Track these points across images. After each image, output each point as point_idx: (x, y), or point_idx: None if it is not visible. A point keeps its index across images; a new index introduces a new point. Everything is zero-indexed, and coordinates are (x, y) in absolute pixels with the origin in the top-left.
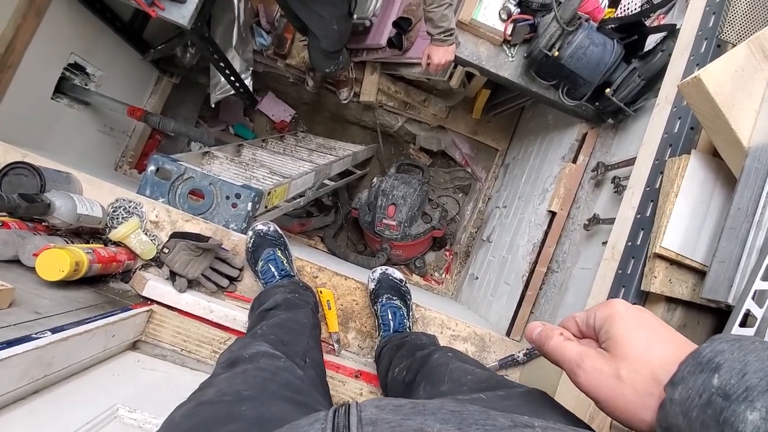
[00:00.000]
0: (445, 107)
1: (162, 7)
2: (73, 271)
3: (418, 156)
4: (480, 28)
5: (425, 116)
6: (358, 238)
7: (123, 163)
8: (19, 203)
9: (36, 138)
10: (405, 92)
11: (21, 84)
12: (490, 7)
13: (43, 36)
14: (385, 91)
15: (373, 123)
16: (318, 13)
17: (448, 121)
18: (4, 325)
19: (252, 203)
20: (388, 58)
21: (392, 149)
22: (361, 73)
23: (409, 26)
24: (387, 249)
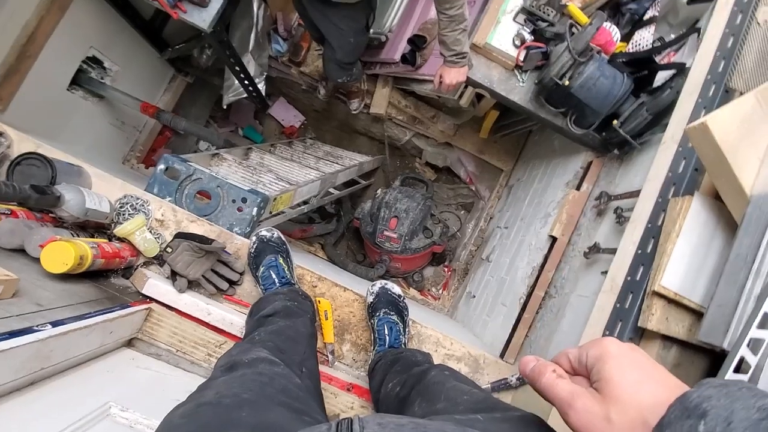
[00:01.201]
0: (453, 125)
1: (184, 10)
2: (76, 264)
3: (424, 170)
4: (493, 52)
5: (433, 132)
6: (358, 247)
7: (131, 158)
8: (30, 194)
9: (48, 127)
10: (415, 107)
11: (39, 73)
12: (504, 33)
13: (64, 28)
14: (395, 104)
15: (382, 135)
16: (337, 25)
17: (455, 139)
18: (7, 316)
19: (258, 208)
20: (400, 73)
21: (398, 162)
22: (373, 86)
23: (423, 44)
24: (386, 261)
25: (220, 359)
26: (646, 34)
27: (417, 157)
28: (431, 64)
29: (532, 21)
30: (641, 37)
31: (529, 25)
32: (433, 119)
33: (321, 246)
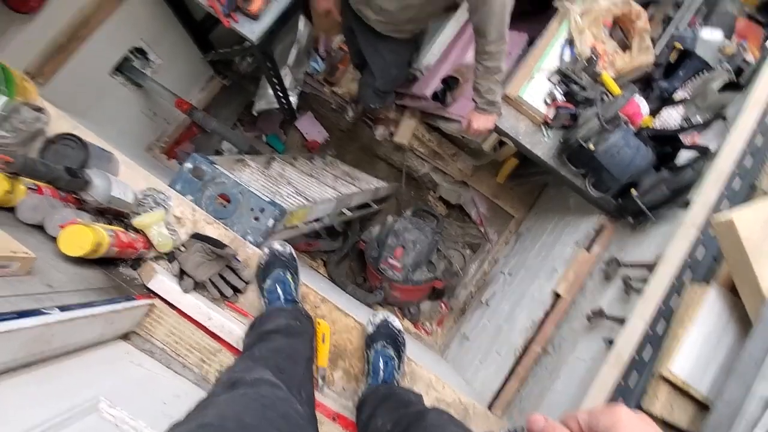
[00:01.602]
0: (472, 165)
1: (236, 20)
2: (92, 250)
3: (436, 204)
4: (523, 105)
5: (451, 169)
6: (359, 269)
7: (155, 147)
8: (62, 176)
9: (84, 106)
10: (437, 143)
11: (85, 55)
12: (536, 89)
13: (119, 17)
14: (419, 137)
15: (401, 163)
16: (382, 56)
17: (472, 179)
18: (18, 294)
19: (274, 220)
20: (429, 108)
21: (412, 192)
22: (400, 115)
23: (455, 85)
24: (386, 288)
25: (223, 375)
26: (674, 113)
27: (431, 191)
28: (460, 105)
29: (566, 82)
30: (669, 115)
31: (562, 86)
32: (454, 157)
33: (324, 262)
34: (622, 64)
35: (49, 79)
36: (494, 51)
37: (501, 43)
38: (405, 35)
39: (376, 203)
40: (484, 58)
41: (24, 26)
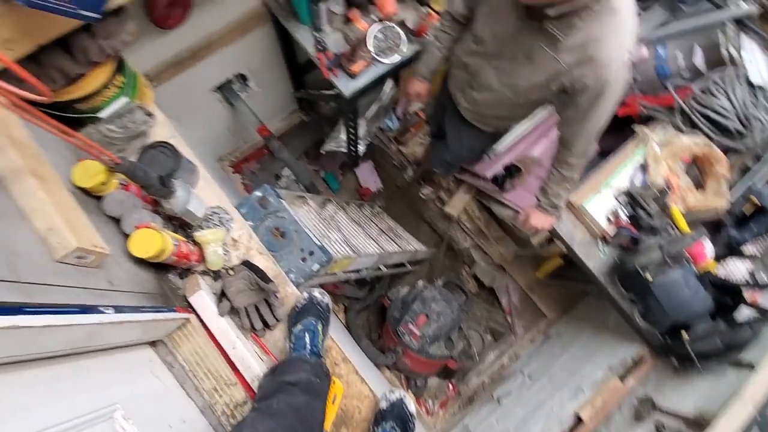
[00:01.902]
0: (514, 252)
1: (336, 74)
2: (156, 255)
3: (468, 280)
4: (585, 216)
5: (492, 251)
6: (377, 325)
7: (226, 159)
8: (154, 183)
9: (181, 110)
10: (485, 222)
11: (198, 71)
12: (601, 204)
13: (236, 46)
14: (469, 212)
15: (444, 232)
16: (461, 139)
17: (510, 266)
18: (84, 286)
19: (319, 265)
20: (486, 189)
21: (448, 262)
22: (456, 187)
23: (517, 174)
24: (399, 353)
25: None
26: (741, 266)
27: (467, 266)
28: (517, 194)
29: (632, 205)
30: (735, 266)
31: (628, 207)
32: (498, 240)
33: (345, 308)
34: (694, 203)
35: (161, 84)
36: (574, 164)
37: (583, 158)
38: (489, 129)
39: (410, 264)
40: (562, 167)
41: (159, 38)
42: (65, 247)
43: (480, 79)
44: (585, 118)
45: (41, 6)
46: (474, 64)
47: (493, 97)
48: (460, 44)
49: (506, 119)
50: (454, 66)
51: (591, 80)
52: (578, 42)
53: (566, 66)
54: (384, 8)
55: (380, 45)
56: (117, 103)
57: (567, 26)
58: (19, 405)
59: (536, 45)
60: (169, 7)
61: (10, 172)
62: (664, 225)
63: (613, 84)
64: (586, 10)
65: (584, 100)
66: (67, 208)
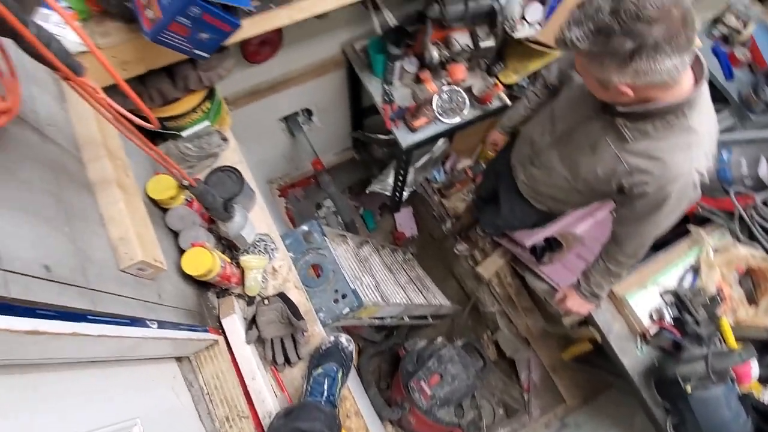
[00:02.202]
0: (542, 328)
1: (397, 126)
2: (203, 274)
3: (488, 346)
4: (626, 309)
5: (519, 321)
6: (388, 373)
7: (275, 182)
8: (218, 207)
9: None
10: (516, 291)
11: (271, 102)
12: (645, 299)
13: (309, 85)
14: (501, 277)
15: (471, 292)
16: (513, 211)
17: (536, 341)
18: (138, 297)
19: (350, 309)
20: (522, 257)
21: (470, 322)
22: (492, 249)
23: (558, 249)
24: (405, 409)
25: None
26: None
27: (490, 331)
28: (555, 269)
29: (678, 307)
30: None
31: (674, 308)
32: (527, 311)
33: (359, 350)
34: (744, 317)
35: (236, 108)
36: (623, 262)
37: (633, 259)
38: (542, 207)
39: (432, 318)
40: (610, 262)
41: (244, 69)
42: (131, 258)
43: (542, 158)
44: (640, 223)
45: (163, 42)
46: (540, 142)
47: (552, 178)
48: (532, 120)
49: (561, 202)
50: (520, 140)
51: (652, 189)
52: (646, 148)
53: (628, 167)
54: (454, 74)
55: (444, 106)
56: (199, 125)
57: (638, 130)
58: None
59: (603, 139)
60: (260, 45)
61: (100, 181)
62: (710, 335)
63: (676, 200)
64: (661, 119)
65: (642, 205)
66: (140, 221)
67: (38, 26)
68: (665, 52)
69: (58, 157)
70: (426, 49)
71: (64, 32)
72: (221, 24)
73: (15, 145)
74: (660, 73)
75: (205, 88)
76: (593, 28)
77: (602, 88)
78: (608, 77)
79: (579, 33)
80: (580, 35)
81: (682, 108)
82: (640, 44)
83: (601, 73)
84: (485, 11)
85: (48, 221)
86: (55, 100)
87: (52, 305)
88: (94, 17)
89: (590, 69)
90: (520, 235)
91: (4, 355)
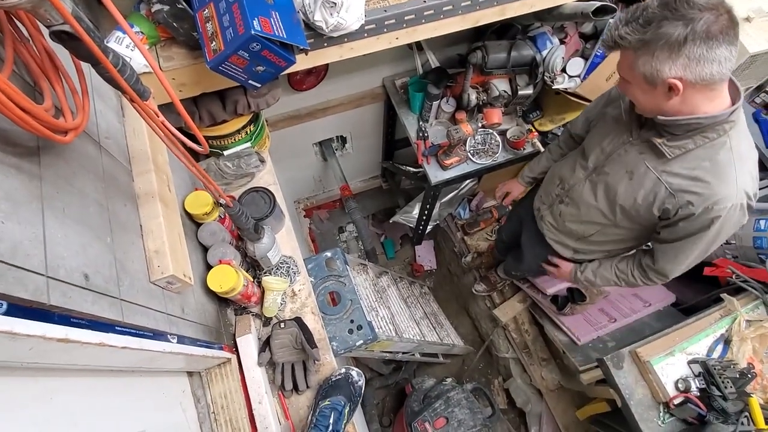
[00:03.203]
0: (558, 381)
1: (428, 162)
2: (226, 291)
3: (498, 393)
4: (651, 375)
5: (534, 372)
6: (391, 408)
7: (302, 202)
8: (250, 227)
9: (281, 153)
10: (534, 339)
11: (308, 127)
12: (671, 366)
13: (348, 114)
14: (518, 322)
15: (486, 333)
16: (536, 256)
17: (550, 394)
18: (163, 310)
19: (363, 341)
20: (542, 304)
21: (481, 366)
22: (512, 293)
23: (581, 301)
24: None
25: None
26: None
27: (501, 377)
28: (576, 321)
29: (706, 380)
30: None
31: (701, 380)
32: (543, 362)
33: (366, 380)
34: None
35: (275, 130)
36: (651, 278)
37: (663, 278)
38: (567, 253)
39: (443, 356)
40: (636, 269)
41: (288, 95)
42: (163, 272)
43: (574, 194)
44: (680, 243)
45: (222, 72)
46: (571, 179)
47: (586, 215)
48: (559, 162)
49: (592, 243)
50: (546, 181)
51: (698, 210)
52: (688, 168)
53: (670, 189)
54: (490, 118)
55: (477, 147)
56: (241, 146)
57: (678, 147)
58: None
59: (641, 163)
60: (306, 75)
61: (144, 194)
62: (738, 413)
63: (723, 223)
64: (702, 136)
65: (685, 227)
66: (175, 235)
67: (115, 53)
68: (717, 40)
69: (111, 169)
70: (465, 91)
71: (133, 54)
72: (278, 60)
73: (76, 156)
74: (711, 61)
75: (252, 113)
76: (642, 21)
77: (649, 90)
78: (659, 69)
79: (628, 28)
80: (630, 30)
81: (723, 126)
82: (693, 29)
83: (650, 66)
84: (526, 61)
85: (93, 230)
86: (115, 115)
87: (85, 314)
88: (161, 42)
89: (639, 65)
90: (542, 281)
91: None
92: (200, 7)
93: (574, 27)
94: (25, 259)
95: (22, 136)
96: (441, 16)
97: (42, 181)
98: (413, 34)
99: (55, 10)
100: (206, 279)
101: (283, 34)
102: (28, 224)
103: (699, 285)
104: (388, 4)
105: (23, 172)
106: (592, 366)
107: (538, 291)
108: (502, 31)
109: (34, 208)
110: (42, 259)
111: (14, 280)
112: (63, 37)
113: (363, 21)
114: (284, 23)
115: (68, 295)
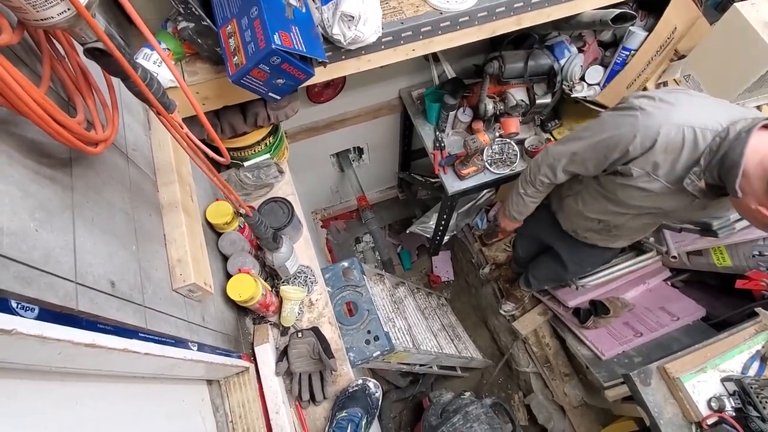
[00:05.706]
0: (582, 398)
1: (446, 172)
2: (245, 300)
3: (519, 409)
4: (681, 393)
5: (556, 388)
6: (408, 423)
7: (319, 213)
8: (268, 237)
9: (299, 164)
10: (555, 353)
11: (326, 139)
12: (704, 385)
13: (364, 125)
14: (539, 335)
15: (505, 347)
16: (582, 262)
17: (573, 411)
18: (184, 318)
19: (380, 352)
20: (564, 317)
21: (500, 380)
22: (532, 306)
23: (604, 313)
24: None
25: None
26: None
27: (522, 392)
28: (599, 335)
29: (742, 399)
30: None
31: (737, 399)
32: (565, 378)
33: (383, 392)
34: None
35: (293, 142)
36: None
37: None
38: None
39: (461, 369)
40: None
41: (306, 108)
42: (184, 280)
43: (620, 231)
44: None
45: (243, 85)
46: (613, 220)
47: (634, 227)
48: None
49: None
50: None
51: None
52: None
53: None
54: (507, 128)
55: (494, 157)
56: (260, 157)
57: None
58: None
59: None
60: (324, 87)
61: (168, 204)
62: None
63: None
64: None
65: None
66: (197, 245)
67: (143, 69)
68: None
69: (137, 180)
70: (481, 101)
71: (160, 69)
72: (297, 73)
73: (105, 167)
74: None
75: (272, 125)
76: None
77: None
78: None
79: None
80: None
81: None
82: None
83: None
84: (544, 71)
85: (120, 238)
86: (142, 128)
87: (111, 320)
88: (186, 58)
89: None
90: (564, 293)
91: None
92: (224, 23)
93: (592, 35)
94: (56, 266)
95: (56, 148)
96: (457, 27)
97: (73, 191)
98: (430, 46)
99: (90, 28)
100: (226, 288)
101: (302, 48)
102: (60, 232)
103: (731, 298)
104: (405, 17)
105: (57, 183)
106: (618, 382)
107: (559, 303)
108: (519, 41)
109: (66, 217)
110: (72, 266)
111: (46, 285)
112: (96, 54)
113: (380, 33)
114: (304, 37)
115: (95, 302)
